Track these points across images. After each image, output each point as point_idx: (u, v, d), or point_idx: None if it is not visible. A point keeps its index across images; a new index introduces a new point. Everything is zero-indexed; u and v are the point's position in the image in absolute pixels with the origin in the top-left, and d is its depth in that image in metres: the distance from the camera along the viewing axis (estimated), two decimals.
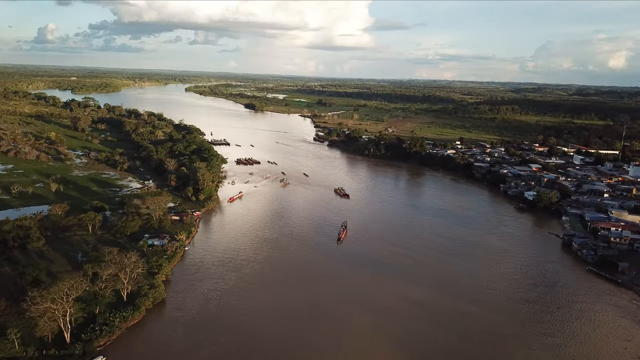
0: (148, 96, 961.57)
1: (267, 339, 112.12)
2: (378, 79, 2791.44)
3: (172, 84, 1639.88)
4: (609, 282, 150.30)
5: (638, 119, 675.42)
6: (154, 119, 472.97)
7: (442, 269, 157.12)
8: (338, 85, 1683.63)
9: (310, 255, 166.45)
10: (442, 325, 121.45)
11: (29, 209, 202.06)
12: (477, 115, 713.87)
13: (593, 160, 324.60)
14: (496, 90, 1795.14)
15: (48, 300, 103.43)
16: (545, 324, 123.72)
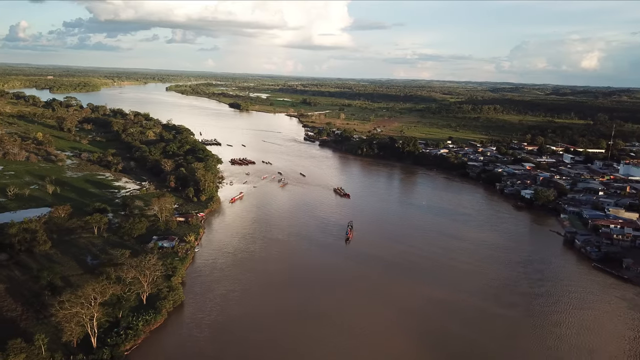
0: (129, 95, 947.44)
1: (294, 341, 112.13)
2: (357, 79, 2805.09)
3: (152, 83, 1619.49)
4: (615, 277, 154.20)
5: (616, 119, 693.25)
6: (141, 119, 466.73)
7: (453, 267, 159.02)
8: (319, 85, 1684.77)
9: (321, 255, 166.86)
10: (465, 322, 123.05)
11: (27, 212, 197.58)
12: (460, 114, 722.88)
13: (583, 159, 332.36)
14: (474, 89, 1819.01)
15: (77, 305, 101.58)
16: (556, 315, 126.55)
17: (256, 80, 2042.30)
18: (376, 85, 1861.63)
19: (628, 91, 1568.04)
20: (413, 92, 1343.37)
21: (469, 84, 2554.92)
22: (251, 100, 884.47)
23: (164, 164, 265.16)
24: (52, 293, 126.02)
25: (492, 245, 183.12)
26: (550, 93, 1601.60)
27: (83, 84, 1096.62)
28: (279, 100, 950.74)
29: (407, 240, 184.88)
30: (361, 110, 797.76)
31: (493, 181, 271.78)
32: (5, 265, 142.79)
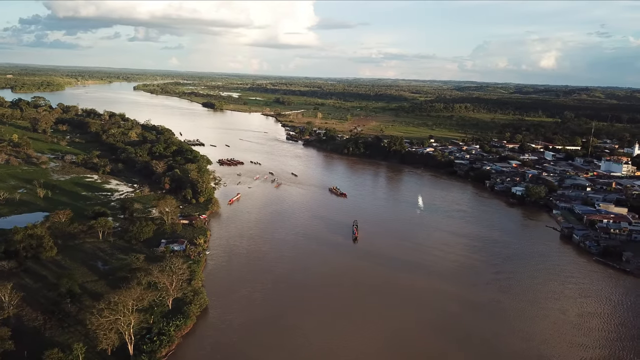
0: (96, 95, 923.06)
1: (329, 342, 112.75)
2: (324, 78, 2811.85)
3: (117, 83, 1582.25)
4: (617, 270, 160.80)
5: (582, 116, 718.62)
6: (118, 119, 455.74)
7: (462, 264, 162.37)
8: (288, 84, 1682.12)
9: (333, 254, 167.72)
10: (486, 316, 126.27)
11: (21, 217, 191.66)
12: (433, 113, 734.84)
13: (563, 156, 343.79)
14: (441, 88, 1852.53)
15: (117, 312, 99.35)
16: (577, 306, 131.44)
17: (223, 79, 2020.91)
18: (345, 84, 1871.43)
19: (587, 90, 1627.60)
20: (382, 90, 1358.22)
21: (434, 82, 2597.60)
22: (223, 99, 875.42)
23: (155, 166, 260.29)
24: (72, 301, 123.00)
25: (493, 241, 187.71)
26: (513, 92, 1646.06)
27: (47, 83, 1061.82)
28: (252, 100, 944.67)
29: (412, 238, 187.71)
30: (335, 109, 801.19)
31: (482, 179, 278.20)
32: (15, 273, 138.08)
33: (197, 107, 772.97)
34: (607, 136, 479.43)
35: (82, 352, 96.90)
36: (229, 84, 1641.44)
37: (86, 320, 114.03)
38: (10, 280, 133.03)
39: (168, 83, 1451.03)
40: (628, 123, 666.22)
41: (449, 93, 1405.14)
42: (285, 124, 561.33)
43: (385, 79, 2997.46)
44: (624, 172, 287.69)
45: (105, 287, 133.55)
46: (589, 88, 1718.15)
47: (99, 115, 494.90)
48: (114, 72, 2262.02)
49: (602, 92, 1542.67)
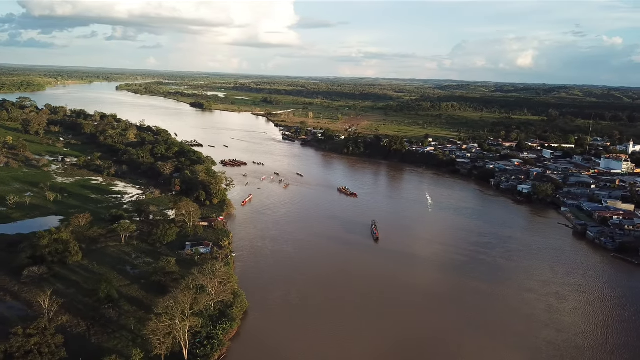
0: (80, 95, 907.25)
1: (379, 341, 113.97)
2: (306, 77, 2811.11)
3: (97, 82, 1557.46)
4: (635, 265, 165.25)
5: (566, 114, 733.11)
6: (111, 120, 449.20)
7: (488, 262, 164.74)
8: (272, 83, 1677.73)
9: (358, 254, 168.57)
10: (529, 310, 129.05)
11: (34, 222, 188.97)
12: (422, 112, 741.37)
13: (562, 154, 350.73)
14: (422, 87, 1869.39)
15: (176, 317, 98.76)
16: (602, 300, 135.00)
17: (206, 79, 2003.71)
18: (328, 83, 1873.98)
19: (565, 88, 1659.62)
20: (367, 90, 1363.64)
21: (414, 81, 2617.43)
22: (211, 99, 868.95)
23: (162, 168, 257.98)
24: (110, 306, 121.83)
25: (508, 238, 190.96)
26: (494, 90, 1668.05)
27: (27, 83, 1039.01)
28: (238, 99, 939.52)
29: (429, 237, 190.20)
30: (324, 108, 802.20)
31: (486, 177, 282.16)
32: (46, 279, 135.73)
33: (185, 107, 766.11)
34: (597, 134, 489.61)
35: (140, 358, 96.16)
36: (212, 83, 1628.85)
37: (130, 325, 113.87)
38: (41, 287, 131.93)
39: (151, 83, 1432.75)
40: (611, 121, 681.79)
41: (432, 92, 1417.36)
42: (279, 124, 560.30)
43: (366, 78, 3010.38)
44: (623, 170, 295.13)
45: (140, 291, 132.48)
46: (567, 86, 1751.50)
47: (90, 116, 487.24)
48: (91, 72, 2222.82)
49: (579, 90, 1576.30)
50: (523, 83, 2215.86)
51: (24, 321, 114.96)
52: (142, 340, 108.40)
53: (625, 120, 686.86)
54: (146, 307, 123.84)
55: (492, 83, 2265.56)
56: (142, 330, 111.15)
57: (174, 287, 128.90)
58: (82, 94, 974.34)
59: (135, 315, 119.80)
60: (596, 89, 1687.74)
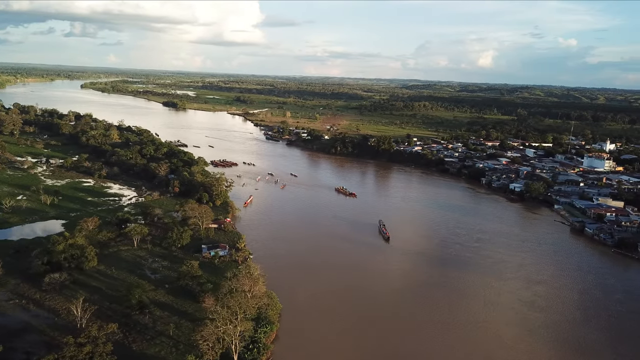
0: (45, 94, 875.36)
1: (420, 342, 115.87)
2: (272, 75, 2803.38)
3: (59, 80, 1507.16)
4: (636, 260, 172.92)
5: (535, 114, 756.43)
6: (88, 120, 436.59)
7: (496, 259, 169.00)
8: (240, 82, 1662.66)
9: (372, 253, 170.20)
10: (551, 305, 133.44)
11: (36, 226, 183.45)
12: (396, 112, 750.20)
13: (544, 153, 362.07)
14: (389, 87, 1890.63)
15: (230, 321, 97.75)
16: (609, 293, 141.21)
17: (170, 77, 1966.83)
18: (296, 82, 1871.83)
19: (527, 88, 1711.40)
20: (337, 89, 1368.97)
21: (380, 81, 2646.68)
22: (183, 98, 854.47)
23: (156, 169, 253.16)
24: (141, 311, 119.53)
25: (512, 235, 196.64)
26: (459, 90, 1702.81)
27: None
28: (210, 98, 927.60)
29: (437, 235, 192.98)
30: (299, 107, 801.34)
31: (477, 176, 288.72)
32: (67, 285, 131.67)
33: (157, 107, 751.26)
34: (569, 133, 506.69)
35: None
36: (178, 82, 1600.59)
37: (169, 331, 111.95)
38: (63, 294, 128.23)
39: (116, 81, 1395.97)
40: (576, 120, 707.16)
41: (400, 91, 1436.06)
42: (258, 124, 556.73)
43: (332, 77, 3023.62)
44: (606, 168, 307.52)
45: (167, 296, 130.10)
46: (529, 86, 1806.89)
47: (64, 116, 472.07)
48: (48, 69, 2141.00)
49: (540, 90, 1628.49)
50: (485, 83, 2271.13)
51: (54, 329, 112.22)
52: (184, 345, 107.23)
53: (590, 119, 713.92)
54: (178, 312, 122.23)
55: (456, 83, 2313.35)
56: (180, 337, 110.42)
57: (202, 291, 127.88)
58: (46, 92, 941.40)
59: (168, 320, 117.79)
60: (555, 89, 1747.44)
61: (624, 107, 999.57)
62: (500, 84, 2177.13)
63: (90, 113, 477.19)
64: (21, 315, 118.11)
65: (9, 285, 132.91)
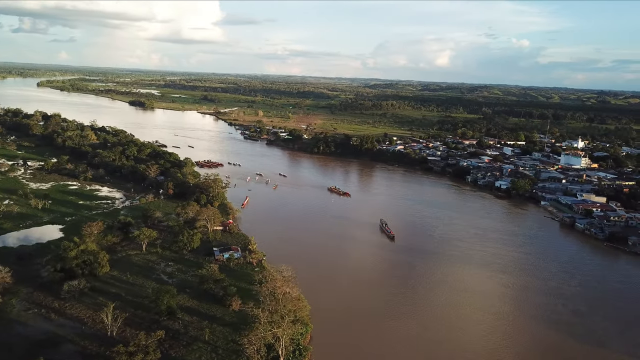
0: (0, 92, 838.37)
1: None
2: (232, 74, 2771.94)
3: (10, 78, 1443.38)
4: (627, 253, 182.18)
5: (500, 113, 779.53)
6: (58, 120, 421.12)
7: (500, 255, 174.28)
8: (203, 80, 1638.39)
9: (384, 253, 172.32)
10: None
11: (34, 232, 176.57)
12: (366, 111, 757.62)
13: (521, 151, 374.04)
14: (351, 85, 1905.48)
15: (281, 325, 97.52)
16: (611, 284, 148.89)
17: (129, 75, 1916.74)
18: (259, 81, 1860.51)
19: (485, 87, 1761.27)
20: (302, 88, 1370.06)
21: (341, 79, 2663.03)
22: (148, 97, 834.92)
23: (145, 170, 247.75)
24: (169, 317, 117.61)
25: (506, 232, 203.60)
26: (421, 89, 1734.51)
27: None
28: (176, 97, 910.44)
29: (436, 232, 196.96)
30: (268, 106, 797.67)
31: (461, 174, 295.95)
32: (86, 293, 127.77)
33: (123, 106, 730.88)
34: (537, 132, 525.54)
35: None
36: (139, 80, 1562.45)
37: (204, 336, 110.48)
38: (82, 301, 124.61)
39: (74, 79, 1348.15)
40: (538, 118, 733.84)
41: (364, 90, 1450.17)
42: (232, 123, 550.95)
43: (293, 75, 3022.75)
44: (582, 165, 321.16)
45: (192, 300, 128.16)
46: (487, 85, 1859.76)
47: (30, 116, 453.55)
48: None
49: (498, 89, 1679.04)
50: (444, 82, 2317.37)
51: (83, 338, 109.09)
52: (223, 350, 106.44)
53: (551, 118, 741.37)
54: (206, 316, 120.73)
55: (416, 82, 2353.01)
56: (217, 341, 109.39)
57: (227, 294, 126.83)
58: (2, 90, 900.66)
59: (199, 325, 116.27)
60: (512, 88, 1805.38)
61: (578, 105, 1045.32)
62: (458, 82, 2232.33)
63: (59, 113, 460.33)
64: (44, 325, 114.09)
65: (22, 294, 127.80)
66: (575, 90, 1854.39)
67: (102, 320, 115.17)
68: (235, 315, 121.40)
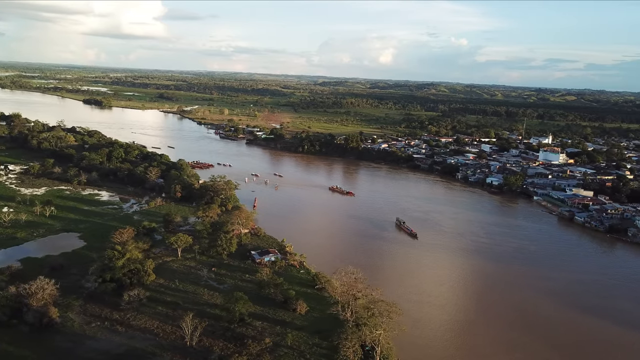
0: None
1: None
2: (176, 70, 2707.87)
3: None
4: (629, 243, 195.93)
5: (455, 111, 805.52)
6: (22, 121, 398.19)
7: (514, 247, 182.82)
8: (150, 77, 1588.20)
9: (413, 250, 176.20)
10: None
11: (48, 240, 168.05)
12: (329, 109, 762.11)
13: (498, 148, 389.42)
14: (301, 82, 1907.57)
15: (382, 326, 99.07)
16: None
17: (71, 72, 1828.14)
18: (208, 77, 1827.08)
19: (432, 85, 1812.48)
20: (254, 85, 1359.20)
21: (287, 76, 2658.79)
22: (104, 95, 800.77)
23: (143, 173, 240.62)
24: (240, 324, 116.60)
25: (513, 226, 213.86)
26: (370, 87, 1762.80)
27: None
28: (130, 95, 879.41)
29: (454, 229, 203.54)
30: (227, 104, 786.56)
31: (451, 172, 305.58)
32: (145, 304, 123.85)
33: (78, 105, 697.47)
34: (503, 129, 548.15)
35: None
36: (81, 77, 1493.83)
37: (287, 341, 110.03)
38: (142, 311, 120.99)
39: (12, 76, 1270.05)
40: (492, 116, 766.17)
41: (317, 88, 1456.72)
42: (201, 122, 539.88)
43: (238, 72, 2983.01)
44: (561, 161, 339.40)
45: (254, 306, 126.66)
46: (433, 83, 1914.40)
47: None
48: None
49: (444, 87, 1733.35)
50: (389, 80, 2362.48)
51: (163, 350, 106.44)
52: (309, 354, 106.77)
53: (504, 115, 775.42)
54: (275, 321, 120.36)
55: (362, 79, 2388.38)
56: (300, 345, 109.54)
57: (288, 298, 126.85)
58: None
59: (272, 331, 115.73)
60: (457, 86, 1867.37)
61: (521, 102, 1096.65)
62: (403, 80, 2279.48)
63: (19, 113, 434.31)
64: (115, 338, 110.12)
65: (75, 307, 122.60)
66: (514, 88, 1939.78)
67: (173, 331, 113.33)
68: (304, 319, 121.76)
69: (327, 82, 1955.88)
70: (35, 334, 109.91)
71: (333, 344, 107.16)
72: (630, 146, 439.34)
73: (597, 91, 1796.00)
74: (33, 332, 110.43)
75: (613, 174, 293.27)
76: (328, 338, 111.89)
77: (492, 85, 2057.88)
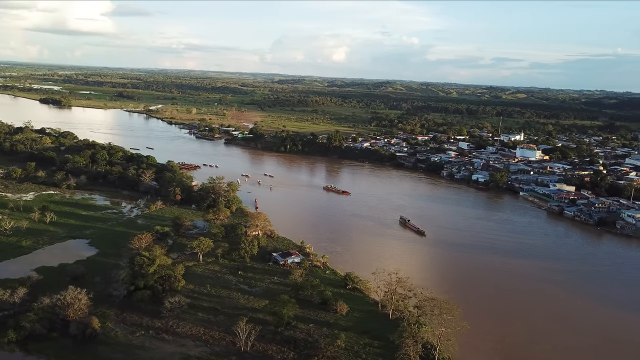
0: None
1: None
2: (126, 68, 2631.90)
3: None
4: (618, 235, 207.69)
5: (420, 109, 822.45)
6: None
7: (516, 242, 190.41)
8: (102, 75, 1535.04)
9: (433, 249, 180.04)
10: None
11: (56, 248, 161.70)
12: (297, 107, 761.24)
13: (475, 146, 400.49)
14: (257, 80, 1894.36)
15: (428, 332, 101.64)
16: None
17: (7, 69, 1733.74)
18: (163, 75, 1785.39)
19: (388, 83, 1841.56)
20: (213, 83, 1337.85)
21: (242, 74, 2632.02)
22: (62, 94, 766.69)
23: (140, 176, 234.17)
24: (286, 327, 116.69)
25: (505, 221, 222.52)
26: (328, 85, 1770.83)
27: None
28: (86, 94, 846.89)
29: (455, 225, 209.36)
30: (191, 102, 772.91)
31: (436, 169, 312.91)
32: (186, 311, 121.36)
33: (34, 104, 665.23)
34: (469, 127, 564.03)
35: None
36: (28, 74, 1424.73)
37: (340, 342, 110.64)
38: (184, 318, 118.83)
39: None
40: (454, 113, 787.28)
41: (276, 86, 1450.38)
42: (171, 122, 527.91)
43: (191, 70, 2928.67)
44: (537, 157, 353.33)
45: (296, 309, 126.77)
46: (389, 81, 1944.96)
47: None
48: None
49: (400, 85, 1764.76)
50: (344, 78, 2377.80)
51: (219, 357, 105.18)
52: (365, 354, 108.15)
53: (465, 113, 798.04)
54: (320, 322, 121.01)
55: (317, 77, 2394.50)
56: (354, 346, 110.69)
57: (326, 299, 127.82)
58: None
59: (319, 332, 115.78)
60: (412, 84, 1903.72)
61: (477, 100, 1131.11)
62: (358, 78, 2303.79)
63: None
64: (165, 347, 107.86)
65: (111, 316, 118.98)
66: (465, 86, 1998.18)
67: (222, 337, 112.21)
68: (347, 320, 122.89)
69: (284, 80, 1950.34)
70: (79, 346, 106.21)
71: (387, 344, 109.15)
72: (592, 142, 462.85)
73: (543, 89, 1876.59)
74: (77, 344, 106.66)
75: (589, 169, 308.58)
76: (378, 338, 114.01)
77: (444, 84, 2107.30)
